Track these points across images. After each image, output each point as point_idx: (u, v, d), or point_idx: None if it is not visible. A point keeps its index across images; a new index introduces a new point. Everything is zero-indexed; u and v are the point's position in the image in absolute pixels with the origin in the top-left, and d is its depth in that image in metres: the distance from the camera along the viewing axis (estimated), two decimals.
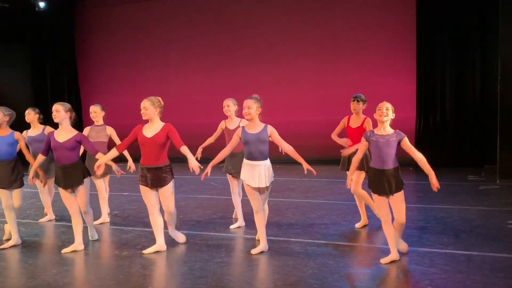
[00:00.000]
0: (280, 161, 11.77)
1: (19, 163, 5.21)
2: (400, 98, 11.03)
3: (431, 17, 10.58)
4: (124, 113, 12.06)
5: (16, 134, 5.17)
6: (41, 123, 6.29)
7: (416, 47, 10.72)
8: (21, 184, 5.17)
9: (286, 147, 4.71)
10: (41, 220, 6.37)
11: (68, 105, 5.01)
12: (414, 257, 4.52)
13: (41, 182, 5.35)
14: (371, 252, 4.71)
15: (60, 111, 4.89)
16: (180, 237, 5.16)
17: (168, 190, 4.76)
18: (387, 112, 4.25)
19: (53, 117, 4.90)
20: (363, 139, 4.36)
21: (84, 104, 13.11)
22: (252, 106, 4.61)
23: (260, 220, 4.72)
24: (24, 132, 6.18)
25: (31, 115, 6.19)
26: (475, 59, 10.41)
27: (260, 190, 4.70)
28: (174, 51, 12.90)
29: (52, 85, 13.70)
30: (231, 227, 5.71)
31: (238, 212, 5.78)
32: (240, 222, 5.75)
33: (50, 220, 6.40)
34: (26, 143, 6.03)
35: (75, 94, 13.50)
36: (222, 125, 5.84)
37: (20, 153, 5.28)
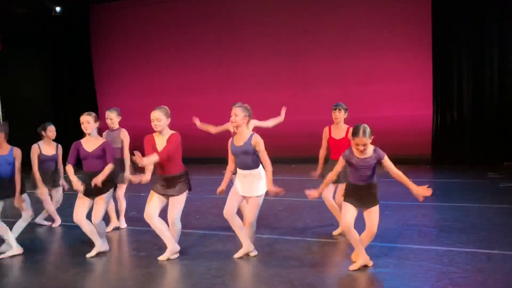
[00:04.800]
0: (295, 160, 11.82)
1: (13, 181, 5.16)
2: (416, 96, 10.93)
3: (447, 13, 10.43)
4: (141, 114, 12.12)
5: (15, 151, 5.16)
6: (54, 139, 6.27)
7: (431, 43, 10.58)
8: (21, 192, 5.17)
9: (266, 164, 4.50)
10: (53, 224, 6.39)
11: (95, 114, 5.06)
12: (433, 256, 4.47)
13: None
14: (390, 251, 4.67)
15: (91, 122, 4.96)
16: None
17: (178, 200, 4.64)
18: (364, 147, 4.05)
19: (83, 128, 4.94)
20: (341, 159, 4.19)
21: (100, 107, 13.25)
22: (239, 114, 4.49)
23: (234, 226, 4.63)
24: (36, 147, 6.09)
25: (52, 132, 6.18)
26: (493, 54, 10.23)
27: (248, 200, 4.60)
28: (191, 52, 12.95)
29: (68, 88, 13.88)
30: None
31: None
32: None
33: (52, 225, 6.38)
34: (38, 158, 6.05)
35: (91, 96, 13.66)
36: (228, 126, 5.61)
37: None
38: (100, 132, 5.21)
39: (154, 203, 4.65)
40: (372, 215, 4.20)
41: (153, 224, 4.64)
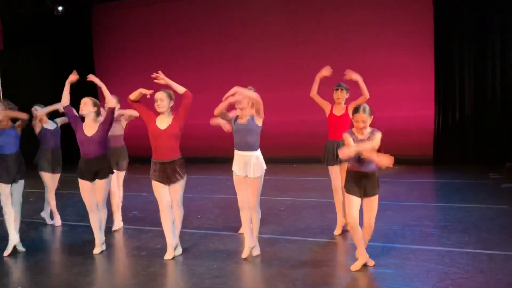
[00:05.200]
0: (297, 160, 11.83)
1: (21, 157, 5.23)
2: (418, 96, 10.90)
3: (449, 13, 10.41)
4: None
5: (17, 123, 5.22)
6: (49, 118, 6.33)
7: (433, 43, 10.56)
8: (22, 177, 5.20)
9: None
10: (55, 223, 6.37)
11: (95, 99, 5.13)
12: (434, 257, 4.46)
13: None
14: (392, 251, 4.67)
15: (87, 104, 5.01)
16: (179, 250, 4.90)
17: (180, 185, 4.70)
18: (364, 125, 4.09)
19: (80, 110, 4.97)
20: (345, 135, 4.16)
21: (102, 106, 13.27)
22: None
23: (245, 218, 4.66)
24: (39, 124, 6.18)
25: (38, 111, 6.24)
26: (495, 54, 10.20)
27: (248, 183, 4.58)
28: (193, 52, 12.96)
29: (71, 87, 13.89)
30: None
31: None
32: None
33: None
34: (40, 133, 6.14)
35: (92, 96, 13.61)
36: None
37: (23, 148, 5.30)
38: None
39: (165, 196, 4.68)
40: (372, 205, 4.20)
41: (166, 219, 4.70)
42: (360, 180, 4.16)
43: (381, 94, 11.19)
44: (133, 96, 4.76)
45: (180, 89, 4.69)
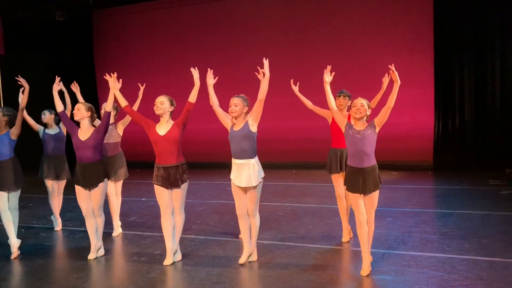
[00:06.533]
0: (296, 166, 11.83)
1: (18, 164, 5.20)
2: (418, 102, 10.91)
3: (449, 19, 10.45)
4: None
5: (12, 129, 5.16)
6: (57, 123, 6.37)
7: (433, 49, 10.58)
8: (19, 187, 5.17)
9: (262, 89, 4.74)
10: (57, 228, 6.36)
11: (90, 105, 5.11)
12: (434, 264, 4.45)
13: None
14: (392, 258, 4.66)
15: (81, 109, 4.96)
16: (179, 255, 4.92)
17: (183, 190, 4.71)
18: (362, 108, 4.20)
19: (74, 114, 4.96)
20: (344, 121, 4.37)
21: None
22: (239, 104, 4.60)
23: (243, 225, 4.66)
24: (40, 127, 6.22)
25: (46, 116, 6.28)
26: (495, 60, 10.23)
27: (246, 191, 4.58)
28: (193, 57, 12.98)
29: (71, 92, 13.91)
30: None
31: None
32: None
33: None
34: (41, 138, 6.17)
35: (93, 101, 13.67)
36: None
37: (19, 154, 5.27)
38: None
39: (167, 201, 4.68)
40: (373, 201, 4.20)
41: (167, 224, 4.70)
42: (359, 176, 4.16)
43: (381, 100, 11.21)
44: (121, 102, 4.90)
45: (195, 96, 4.83)
